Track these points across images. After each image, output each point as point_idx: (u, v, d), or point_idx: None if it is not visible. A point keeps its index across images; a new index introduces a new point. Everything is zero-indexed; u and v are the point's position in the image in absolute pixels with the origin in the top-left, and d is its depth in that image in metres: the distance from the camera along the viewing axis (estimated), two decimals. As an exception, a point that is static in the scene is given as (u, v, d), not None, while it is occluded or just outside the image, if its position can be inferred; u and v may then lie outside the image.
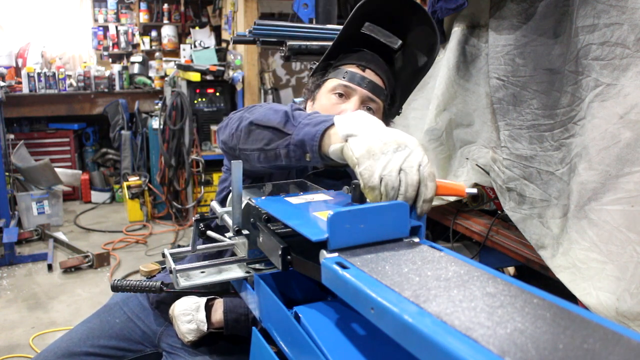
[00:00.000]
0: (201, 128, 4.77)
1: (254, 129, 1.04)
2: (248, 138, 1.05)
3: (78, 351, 1.35)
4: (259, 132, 1.03)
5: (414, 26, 1.32)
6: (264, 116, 1.03)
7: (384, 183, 0.79)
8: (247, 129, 1.05)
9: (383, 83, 1.32)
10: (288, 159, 0.98)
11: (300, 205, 0.93)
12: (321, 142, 0.91)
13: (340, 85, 1.30)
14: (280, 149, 0.98)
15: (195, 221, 1.08)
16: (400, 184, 0.79)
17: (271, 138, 1.00)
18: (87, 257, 3.85)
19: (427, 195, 0.80)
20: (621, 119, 1.26)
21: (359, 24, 1.31)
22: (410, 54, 1.37)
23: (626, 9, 1.24)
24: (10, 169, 4.53)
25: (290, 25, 2.28)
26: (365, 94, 1.29)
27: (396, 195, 0.79)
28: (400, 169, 0.79)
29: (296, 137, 0.95)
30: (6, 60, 5.51)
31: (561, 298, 0.56)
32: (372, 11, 1.31)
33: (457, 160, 1.94)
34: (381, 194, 0.80)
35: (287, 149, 0.97)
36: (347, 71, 1.31)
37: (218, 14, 5.92)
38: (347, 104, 1.29)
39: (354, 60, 1.33)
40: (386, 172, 0.79)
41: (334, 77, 1.33)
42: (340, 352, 0.72)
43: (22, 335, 2.92)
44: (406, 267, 0.66)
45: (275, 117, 1.00)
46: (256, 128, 1.03)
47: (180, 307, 1.30)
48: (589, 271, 1.34)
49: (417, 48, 1.35)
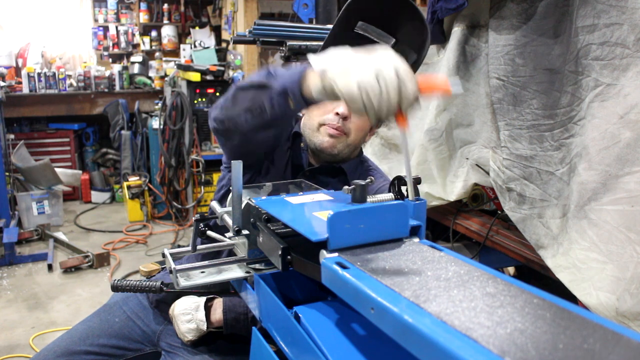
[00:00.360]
0: (201, 128, 4.77)
1: (239, 93, 1.07)
2: (235, 103, 1.08)
3: (77, 350, 1.35)
4: (244, 93, 1.06)
5: (404, 23, 1.33)
6: (247, 80, 1.07)
7: (363, 89, 0.79)
8: (233, 95, 1.09)
9: None
10: (273, 109, 0.99)
11: (300, 205, 0.93)
12: (302, 85, 0.93)
13: None
14: (264, 102, 1.00)
15: (195, 221, 1.08)
16: (379, 86, 0.78)
17: (255, 95, 1.02)
18: (87, 257, 3.84)
19: (409, 95, 0.79)
20: (621, 119, 1.26)
21: (351, 23, 1.32)
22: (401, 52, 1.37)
23: (626, 9, 1.24)
24: (10, 169, 4.53)
25: (290, 25, 2.28)
26: None
27: (378, 100, 0.79)
28: (377, 75, 0.79)
29: (278, 86, 0.97)
30: (6, 60, 5.51)
31: (561, 298, 0.56)
32: (361, 9, 1.31)
33: (457, 160, 1.94)
34: (364, 102, 0.80)
35: (271, 100, 0.99)
36: None
37: (218, 14, 5.92)
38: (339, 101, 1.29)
39: None
40: (362, 78, 0.79)
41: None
42: (340, 352, 0.72)
43: (22, 335, 2.92)
44: (406, 267, 0.66)
45: (257, 77, 1.03)
46: (241, 91, 1.07)
47: (180, 306, 1.30)
48: (589, 271, 1.34)
49: (408, 45, 1.36)
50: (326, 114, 1.31)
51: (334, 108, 1.30)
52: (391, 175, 1.01)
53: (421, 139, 1.98)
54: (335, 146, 1.32)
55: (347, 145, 1.34)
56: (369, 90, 0.79)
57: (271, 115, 1.01)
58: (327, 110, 1.31)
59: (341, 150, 1.33)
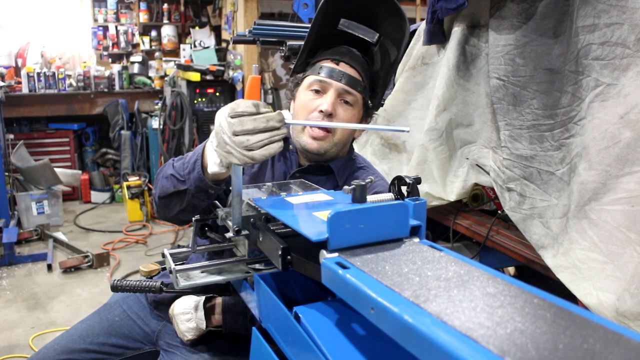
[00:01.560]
0: (201, 128, 4.77)
1: (165, 202, 1.20)
2: (166, 209, 1.22)
3: (77, 348, 1.36)
4: (169, 201, 1.19)
5: (383, 18, 1.34)
6: (162, 189, 1.19)
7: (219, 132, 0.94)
8: (160, 204, 1.23)
9: (359, 75, 1.33)
10: (205, 201, 1.14)
11: (300, 205, 0.93)
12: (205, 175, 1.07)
13: (315, 81, 1.32)
14: (193, 201, 1.14)
15: (195, 221, 1.08)
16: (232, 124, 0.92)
17: (180, 199, 1.16)
18: (87, 257, 3.84)
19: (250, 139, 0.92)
20: (621, 118, 1.26)
21: (333, 21, 1.33)
22: (384, 47, 1.39)
23: (626, 9, 1.24)
24: (10, 169, 4.53)
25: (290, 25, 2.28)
26: (341, 87, 1.30)
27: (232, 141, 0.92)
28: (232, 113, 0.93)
29: (191, 188, 1.11)
30: (6, 60, 5.51)
31: (561, 298, 0.56)
32: (340, 7, 1.32)
33: (457, 160, 1.94)
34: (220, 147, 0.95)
35: (197, 198, 1.13)
36: (322, 66, 1.32)
37: (218, 13, 5.92)
38: (322, 99, 1.31)
39: (329, 55, 1.34)
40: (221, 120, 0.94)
41: (310, 73, 1.35)
42: (340, 352, 0.71)
43: (22, 335, 2.92)
44: (406, 267, 0.66)
45: (169, 185, 1.16)
46: (165, 200, 1.20)
47: (180, 306, 1.30)
48: (589, 271, 1.34)
49: (390, 40, 1.37)
50: (310, 113, 1.31)
51: (317, 107, 1.30)
52: (391, 175, 1.01)
53: (421, 139, 1.97)
54: (322, 147, 1.32)
55: (334, 145, 1.33)
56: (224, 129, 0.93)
57: (203, 205, 1.15)
58: (311, 109, 1.31)
59: (328, 149, 1.33)
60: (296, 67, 1.43)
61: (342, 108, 1.31)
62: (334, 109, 1.29)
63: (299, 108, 1.34)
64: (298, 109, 1.35)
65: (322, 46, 1.38)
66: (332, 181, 1.38)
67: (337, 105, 1.31)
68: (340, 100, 1.31)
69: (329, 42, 1.37)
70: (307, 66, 1.39)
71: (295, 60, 1.42)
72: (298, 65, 1.42)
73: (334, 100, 1.29)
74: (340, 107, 1.31)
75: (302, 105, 1.33)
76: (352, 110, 1.33)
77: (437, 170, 1.97)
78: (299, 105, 1.35)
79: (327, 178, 1.38)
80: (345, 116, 1.32)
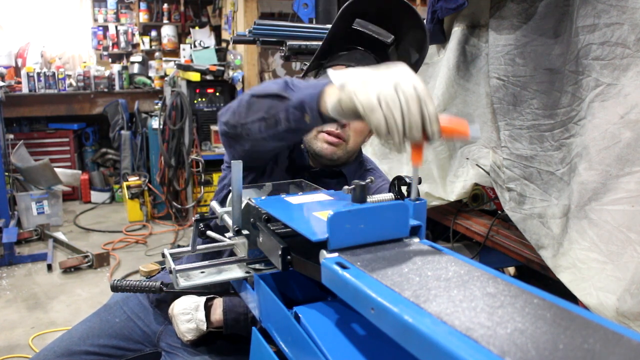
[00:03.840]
0: (201, 128, 4.77)
1: (255, 100, 1.05)
2: (249, 110, 1.06)
3: (78, 350, 1.35)
4: (259, 102, 1.04)
5: (403, 23, 1.32)
6: (264, 87, 1.04)
7: (383, 100, 0.76)
8: (248, 101, 1.06)
9: None
10: (288, 122, 0.97)
11: (300, 205, 0.93)
12: (320, 101, 0.91)
13: None
14: (280, 113, 0.98)
15: (195, 221, 1.08)
16: (399, 99, 0.76)
17: (271, 105, 1.00)
18: (87, 257, 3.84)
19: (432, 114, 0.76)
20: (621, 118, 1.26)
21: (349, 23, 1.31)
22: (403, 50, 1.37)
23: (626, 9, 1.24)
24: (9, 169, 4.53)
25: (290, 25, 2.28)
26: None
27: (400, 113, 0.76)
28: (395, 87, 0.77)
29: (295, 99, 0.95)
30: (6, 60, 5.50)
31: (561, 298, 0.56)
32: (360, 11, 1.30)
33: (457, 160, 1.94)
34: (384, 114, 0.76)
35: (287, 112, 0.96)
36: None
37: (218, 13, 5.92)
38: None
39: (344, 60, 1.32)
40: (382, 90, 0.77)
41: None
42: (340, 352, 0.71)
43: (22, 336, 2.92)
44: (406, 267, 0.66)
45: (274, 86, 1.01)
46: (257, 99, 1.04)
47: (180, 306, 1.30)
48: (589, 271, 1.34)
49: (410, 45, 1.35)
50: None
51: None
52: (391, 175, 1.01)
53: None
54: (335, 153, 1.31)
55: (346, 152, 1.33)
56: (389, 100, 0.76)
57: (285, 127, 0.99)
58: None
59: (341, 156, 1.33)
60: (309, 68, 1.41)
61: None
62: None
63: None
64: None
65: (335, 47, 1.36)
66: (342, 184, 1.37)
67: None
68: None
69: (342, 43, 1.35)
70: (320, 68, 1.37)
71: (299, 60, 1.40)
72: (311, 66, 1.40)
73: None
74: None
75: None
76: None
77: (437, 170, 1.97)
78: None
79: (338, 181, 1.38)
80: (359, 125, 1.30)
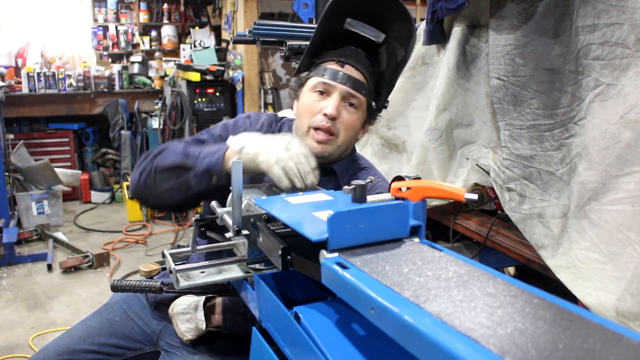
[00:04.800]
0: (201, 128, 4.76)
1: (159, 174, 1.22)
2: (157, 182, 1.23)
3: (78, 349, 1.36)
4: (166, 174, 1.21)
5: (391, 20, 1.34)
6: (165, 159, 1.22)
7: (281, 159, 1.09)
8: (154, 175, 1.23)
9: (364, 78, 1.33)
10: (199, 185, 1.17)
11: (300, 205, 0.93)
12: (224, 164, 1.15)
13: (319, 82, 1.32)
14: (190, 181, 1.18)
15: (195, 221, 1.08)
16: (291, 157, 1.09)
17: (178, 175, 1.19)
18: (87, 257, 3.84)
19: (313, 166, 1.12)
20: (621, 118, 1.26)
21: (339, 21, 1.32)
22: (390, 47, 1.38)
23: (626, 9, 1.24)
24: (10, 169, 4.53)
25: (290, 25, 2.28)
26: (345, 90, 1.30)
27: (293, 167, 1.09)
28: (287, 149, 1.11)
29: (201, 167, 1.16)
30: (6, 60, 5.50)
31: (561, 298, 0.56)
32: (349, 8, 1.32)
33: (457, 160, 1.94)
34: (282, 168, 1.08)
35: (196, 178, 1.17)
36: (327, 68, 1.32)
37: (218, 13, 5.92)
38: (327, 101, 1.30)
39: (334, 57, 1.34)
40: (277, 151, 1.10)
41: (314, 75, 1.34)
42: (340, 352, 0.71)
43: (22, 336, 2.92)
44: (406, 267, 0.66)
45: (175, 157, 1.20)
46: (162, 172, 1.22)
47: (180, 306, 1.30)
48: (589, 271, 1.34)
49: (397, 41, 1.36)
50: (314, 115, 1.31)
51: (321, 109, 1.30)
52: (391, 175, 1.01)
53: (421, 139, 1.97)
54: (326, 150, 1.32)
55: (337, 147, 1.34)
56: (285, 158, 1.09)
57: (197, 189, 1.18)
58: (315, 112, 1.31)
59: (332, 152, 1.34)
60: (300, 66, 1.42)
61: (346, 111, 1.31)
62: (338, 112, 1.29)
63: (303, 110, 1.34)
64: (302, 110, 1.35)
65: (327, 46, 1.37)
66: (334, 182, 1.38)
67: (342, 108, 1.30)
68: (344, 103, 1.31)
69: (334, 41, 1.36)
70: (312, 66, 1.38)
71: (299, 59, 1.42)
72: (302, 65, 1.42)
73: (338, 103, 1.29)
74: (344, 109, 1.31)
75: (306, 107, 1.33)
76: (356, 113, 1.33)
77: (437, 170, 1.97)
78: (302, 107, 1.34)
79: (330, 179, 1.38)
80: (350, 119, 1.32)
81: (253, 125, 1.43)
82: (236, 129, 1.40)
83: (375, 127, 2.28)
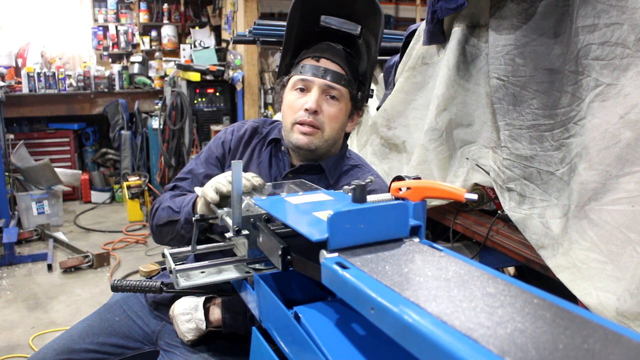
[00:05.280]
0: (201, 128, 4.77)
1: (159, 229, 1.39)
2: (161, 235, 1.41)
3: (77, 348, 1.36)
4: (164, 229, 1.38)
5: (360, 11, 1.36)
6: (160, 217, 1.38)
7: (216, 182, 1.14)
8: (156, 231, 1.42)
9: (341, 69, 1.35)
10: (186, 232, 1.31)
11: (300, 205, 0.93)
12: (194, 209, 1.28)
13: (298, 80, 1.35)
14: (180, 230, 1.32)
15: (195, 221, 1.08)
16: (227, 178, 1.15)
17: (172, 227, 1.35)
18: (87, 257, 3.84)
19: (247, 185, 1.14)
20: (621, 119, 1.26)
21: (313, 20, 1.35)
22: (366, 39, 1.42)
23: (626, 9, 1.24)
24: (10, 169, 4.53)
25: (290, 25, 2.27)
26: (323, 83, 1.32)
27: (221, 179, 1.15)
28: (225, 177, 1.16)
29: (182, 218, 1.31)
30: (6, 60, 5.50)
31: (561, 298, 0.56)
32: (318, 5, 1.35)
33: (457, 160, 1.94)
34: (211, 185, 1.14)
35: (182, 227, 1.32)
36: (304, 65, 1.35)
37: (218, 14, 5.92)
38: (307, 97, 1.33)
39: (310, 53, 1.37)
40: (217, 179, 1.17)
41: (294, 74, 1.38)
42: (340, 352, 0.71)
43: (22, 336, 2.92)
44: (406, 267, 0.66)
45: (165, 214, 1.36)
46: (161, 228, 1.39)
47: (180, 307, 1.31)
48: (589, 271, 1.34)
49: (370, 33, 1.39)
50: (296, 112, 1.34)
51: (302, 105, 1.32)
52: (391, 175, 1.01)
53: (421, 139, 1.97)
54: (312, 142, 1.34)
55: (324, 141, 1.36)
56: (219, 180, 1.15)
57: (187, 236, 1.32)
58: (296, 109, 1.34)
59: (319, 145, 1.35)
60: (281, 69, 1.47)
61: (327, 104, 1.34)
62: (319, 105, 1.32)
63: (285, 108, 1.38)
64: (285, 109, 1.38)
65: (305, 46, 1.41)
66: (324, 180, 1.40)
67: (322, 102, 1.33)
68: (325, 96, 1.34)
69: (311, 40, 1.39)
70: (292, 67, 1.41)
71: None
72: (282, 67, 1.46)
73: (318, 97, 1.32)
74: (325, 103, 1.34)
75: (288, 106, 1.36)
76: (338, 104, 1.35)
77: (437, 170, 1.97)
78: (285, 106, 1.38)
79: (320, 177, 1.40)
80: (332, 111, 1.34)
81: (235, 134, 1.48)
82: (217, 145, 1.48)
83: (375, 127, 2.28)
